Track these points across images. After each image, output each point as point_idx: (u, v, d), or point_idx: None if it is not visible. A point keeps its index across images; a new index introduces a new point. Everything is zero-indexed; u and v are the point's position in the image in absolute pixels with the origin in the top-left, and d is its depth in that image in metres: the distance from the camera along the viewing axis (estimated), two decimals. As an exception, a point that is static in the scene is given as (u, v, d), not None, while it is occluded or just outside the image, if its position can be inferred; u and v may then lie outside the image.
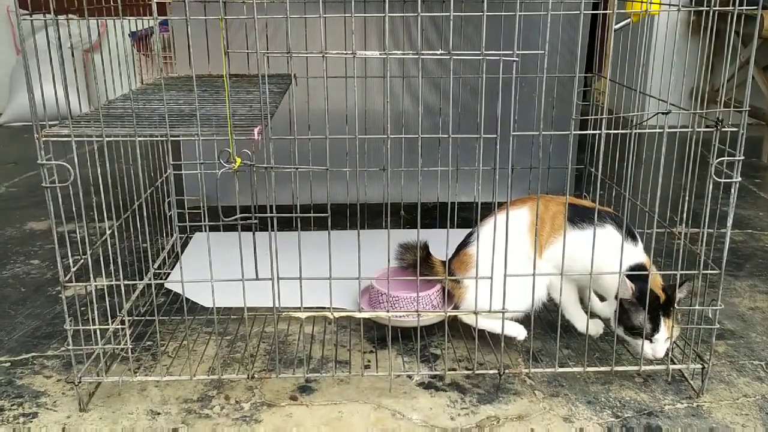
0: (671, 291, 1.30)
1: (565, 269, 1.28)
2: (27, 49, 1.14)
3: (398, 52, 1.25)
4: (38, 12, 1.15)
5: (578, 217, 1.37)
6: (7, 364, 1.43)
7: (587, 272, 1.28)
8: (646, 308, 1.27)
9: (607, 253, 1.29)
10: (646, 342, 1.30)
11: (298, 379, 1.36)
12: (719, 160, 1.20)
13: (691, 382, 1.35)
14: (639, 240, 1.38)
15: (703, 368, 1.31)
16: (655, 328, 1.28)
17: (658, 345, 1.29)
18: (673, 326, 1.30)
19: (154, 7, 1.17)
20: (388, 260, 1.35)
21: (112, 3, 1.51)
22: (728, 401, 1.31)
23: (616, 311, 1.33)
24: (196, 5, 1.74)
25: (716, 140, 1.21)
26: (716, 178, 1.21)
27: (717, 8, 1.25)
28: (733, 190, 1.23)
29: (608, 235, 1.34)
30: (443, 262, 1.51)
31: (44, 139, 1.13)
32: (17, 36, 4.11)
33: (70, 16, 1.30)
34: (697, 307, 1.35)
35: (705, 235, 1.28)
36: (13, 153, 3.37)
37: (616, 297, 1.32)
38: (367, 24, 2.08)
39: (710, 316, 1.33)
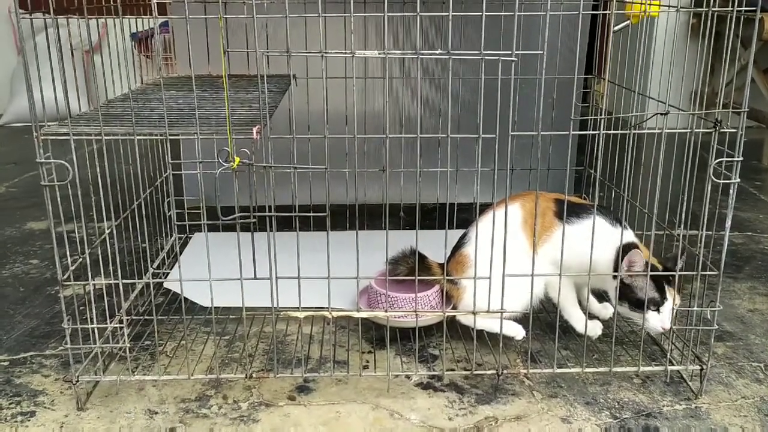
0: (671, 263, 1.32)
1: (562, 265, 1.28)
2: (27, 50, 1.14)
3: (397, 51, 1.25)
4: (38, 11, 1.15)
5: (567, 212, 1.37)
6: (6, 363, 1.43)
7: (584, 267, 1.28)
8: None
9: (598, 240, 1.29)
10: (654, 313, 1.30)
11: (297, 379, 1.36)
12: (718, 161, 1.20)
13: (690, 383, 1.35)
14: (627, 226, 1.39)
15: (702, 369, 1.31)
16: (663, 297, 1.30)
17: (666, 315, 1.30)
18: (675, 295, 1.31)
19: (154, 7, 1.18)
20: (386, 261, 1.35)
21: (112, 3, 1.51)
22: (727, 403, 1.30)
23: (616, 288, 1.33)
24: (196, 5, 1.75)
25: (715, 141, 1.21)
26: (715, 180, 1.21)
27: (716, 9, 1.25)
28: (731, 191, 1.22)
29: (597, 224, 1.34)
30: (440, 265, 1.51)
31: (43, 137, 1.13)
32: (18, 36, 4.11)
33: (70, 16, 1.30)
34: (695, 308, 1.35)
35: (704, 236, 1.28)
36: (13, 153, 3.37)
37: (614, 277, 1.33)
38: (366, 24, 2.08)
39: (709, 317, 1.33)
